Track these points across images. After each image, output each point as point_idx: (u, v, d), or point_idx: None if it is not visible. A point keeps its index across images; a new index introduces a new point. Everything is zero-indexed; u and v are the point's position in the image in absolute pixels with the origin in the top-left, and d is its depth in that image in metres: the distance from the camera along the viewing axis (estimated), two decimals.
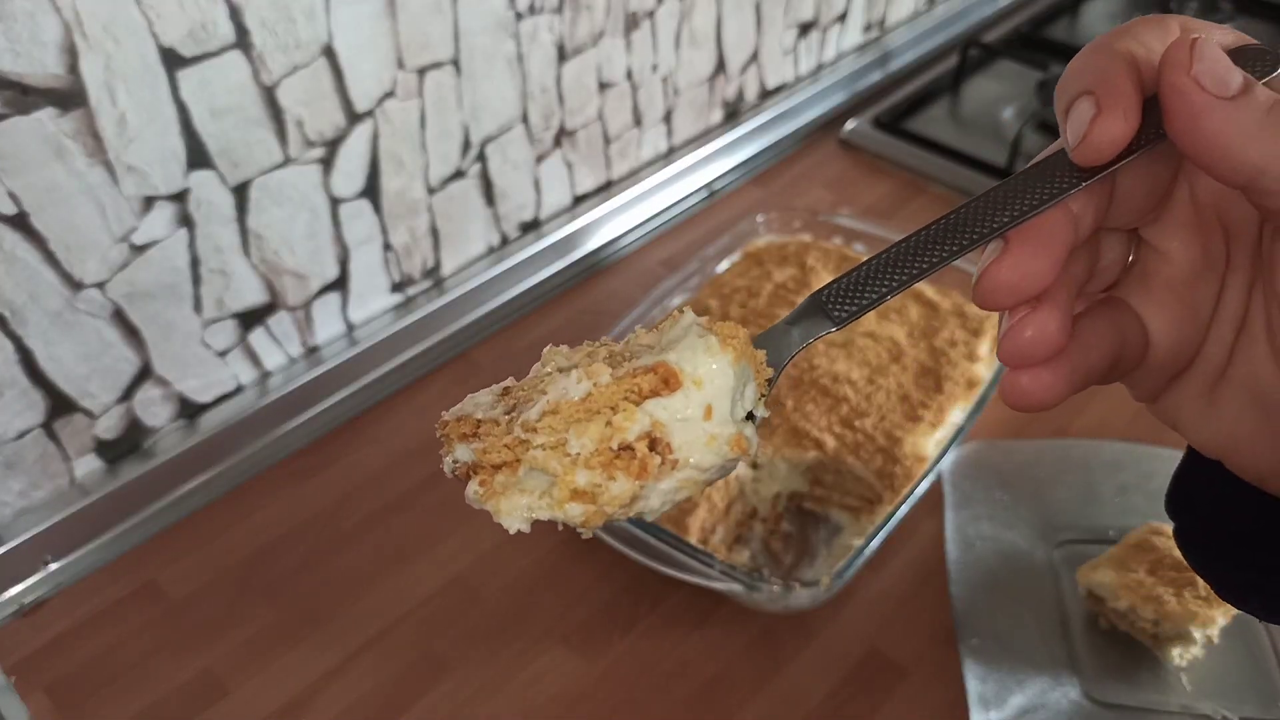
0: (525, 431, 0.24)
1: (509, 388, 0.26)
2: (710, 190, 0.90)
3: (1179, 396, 0.28)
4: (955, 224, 0.25)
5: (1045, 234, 0.24)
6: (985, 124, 0.95)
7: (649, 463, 0.24)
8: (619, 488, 0.24)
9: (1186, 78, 0.22)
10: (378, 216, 0.67)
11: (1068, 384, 0.26)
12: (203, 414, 0.65)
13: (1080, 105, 0.23)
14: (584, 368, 0.24)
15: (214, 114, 0.55)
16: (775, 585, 0.52)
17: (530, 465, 0.24)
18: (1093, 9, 1.12)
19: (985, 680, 0.52)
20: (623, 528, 0.54)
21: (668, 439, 0.24)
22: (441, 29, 0.64)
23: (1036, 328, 0.25)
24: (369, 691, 0.54)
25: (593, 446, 0.24)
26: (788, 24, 0.91)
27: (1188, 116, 0.22)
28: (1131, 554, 0.54)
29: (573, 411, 0.24)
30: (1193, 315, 0.27)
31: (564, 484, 0.24)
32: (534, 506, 0.25)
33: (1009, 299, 0.25)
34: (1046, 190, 0.24)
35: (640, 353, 0.25)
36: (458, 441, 0.25)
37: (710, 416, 0.24)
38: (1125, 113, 0.23)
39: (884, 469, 0.57)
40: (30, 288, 0.53)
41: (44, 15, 0.47)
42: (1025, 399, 0.26)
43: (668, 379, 0.24)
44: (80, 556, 0.61)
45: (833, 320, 0.26)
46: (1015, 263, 0.24)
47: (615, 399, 0.24)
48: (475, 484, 0.25)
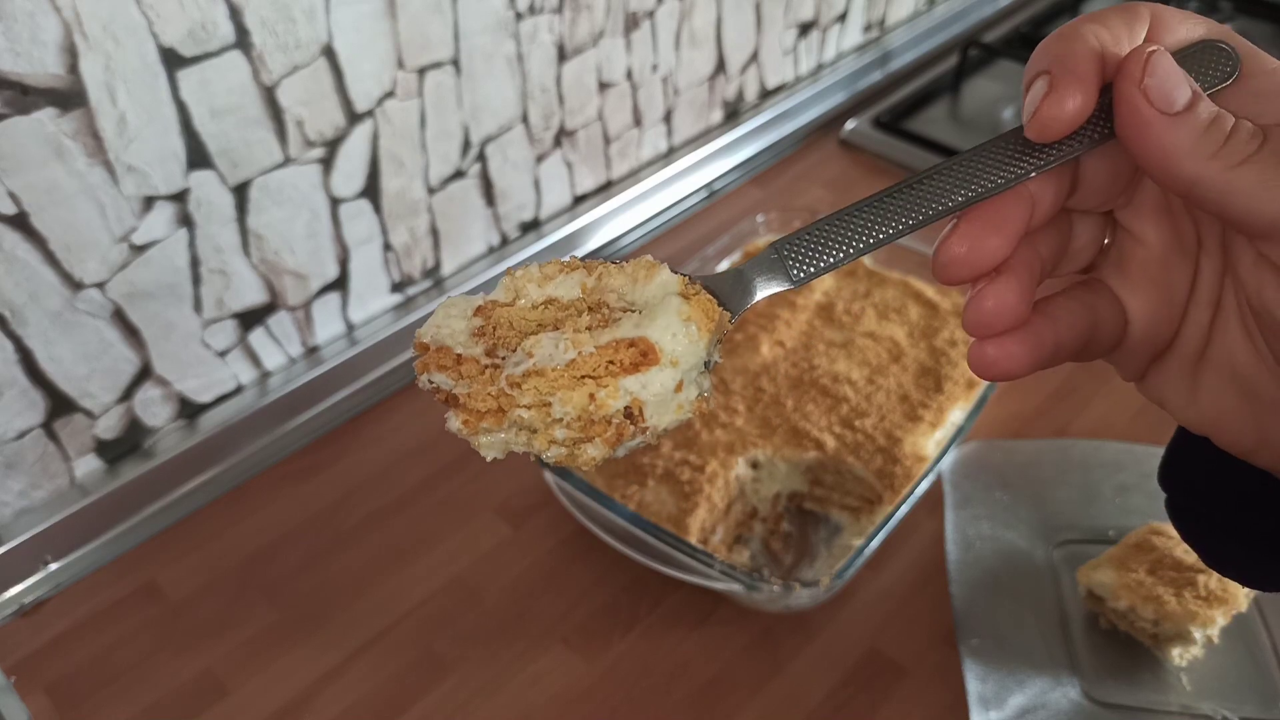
0: (510, 386, 0.26)
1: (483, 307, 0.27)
2: (710, 190, 0.90)
3: (1163, 376, 0.29)
4: (915, 198, 0.27)
5: (998, 214, 0.26)
6: (985, 124, 0.95)
7: (624, 430, 0.26)
8: (595, 450, 0.26)
9: (1136, 90, 0.24)
10: (378, 216, 0.67)
11: (1033, 356, 0.27)
12: (203, 414, 0.65)
13: (1037, 84, 0.25)
14: (571, 336, 0.26)
15: (214, 114, 0.55)
16: (775, 585, 0.52)
17: (514, 423, 0.26)
18: (1092, 9, 1.12)
19: (985, 680, 0.52)
20: (623, 527, 0.54)
21: (642, 410, 0.26)
22: (441, 29, 0.64)
23: (996, 299, 0.26)
24: (369, 691, 0.54)
25: (575, 414, 0.26)
26: (788, 24, 0.91)
27: (1134, 126, 0.24)
28: (1131, 554, 0.54)
29: (557, 376, 0.26)
30: (1168, 296, 0.28)
31: (543, 436, 0.26)
32: (512, 442, 0.27)
33: (963, 272, 0.26)
34: (1005, 173, 0.26)
35: (612, 300, 0.27)
36: (436, 369, 0.27)
37: (680, 390, 0.26)
38: (1075, 94, 0.24)
39: (884, 469, 0.57)
40: (30, 288, 0.53)
41: (44, 15, 0.47)
42: (991, 368, 0.27)
43: (647, 353, 0.26)
44: (80, 556, 0.61)
45: (790, 280, 0.27)
46: (965, 239, 0.26)
47: (597, 368, 0.26)
48: (459, 421, 0.27)
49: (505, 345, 0.27)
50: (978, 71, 1.01)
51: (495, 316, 0.27)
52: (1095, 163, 0.27)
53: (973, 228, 0.26)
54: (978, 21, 1.11)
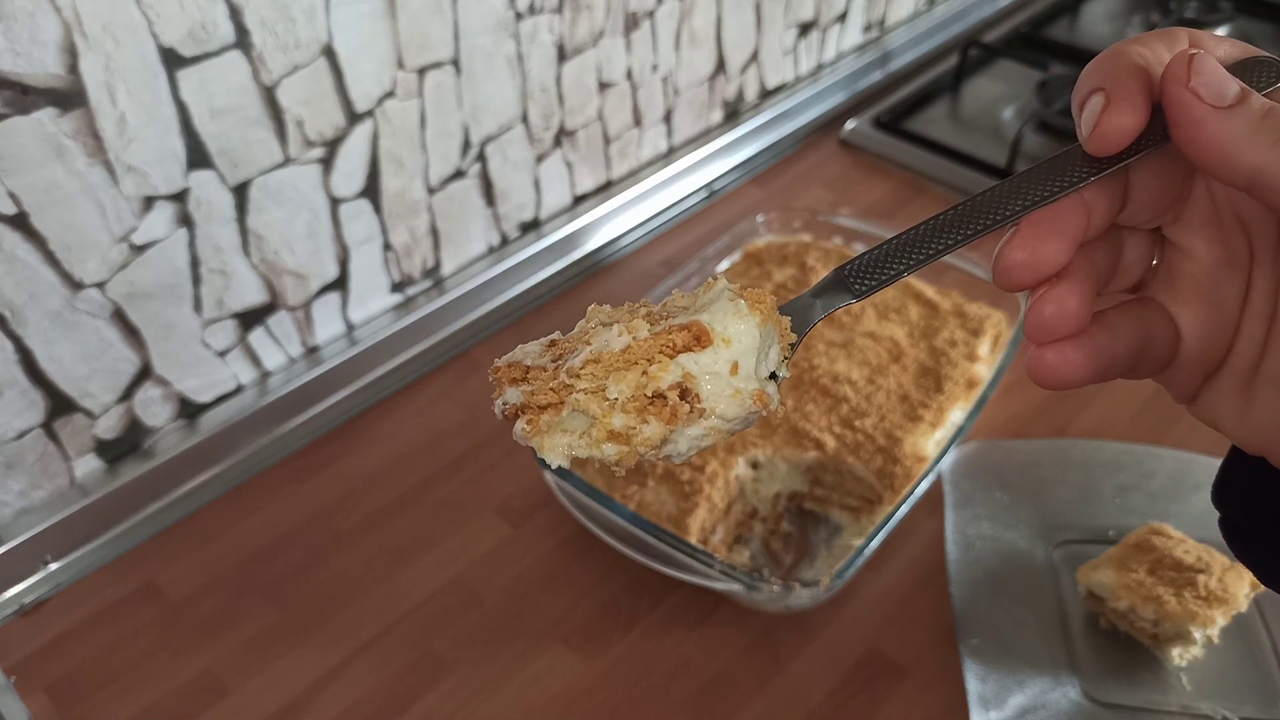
0: (569, 377, 0.27)
1: (555, 340, 0.29)
2: (710, 190, 0.90)
3: (1215, 395, 0.29)
4: (972, 210, 0.27)
5: (1058, 219, 0.26)
6: (985, 124, 0.95)
7: (679, 410, 0.26)
8: (651, 430, 0.27)
9: (1185, 90, 0.24)
10: (378, 216, 0.67)
11: (1091, 365, 0.27)
12: (203, 414, 0.65)
13: (1092, 100, 0.25)
14: (624, 323, 0.27)
15: (214, 114, 0.55)
16: (775, 585, 0.52)
17: (573, 407, 0.27)
18: (1093, 9, 1.12)
19: (985, 680, 0.52)
20: (623, 527, 0.54)
21: (697, 390, 0.26)
22: (441, 29, 0.64)
23: (1056, 304, 0.27)
24: (369, 691, 0.54)
25: (629, 393, 0.26)
26: (788, 24, 0.91)
27: (1188, 125, 0.24)
28: (1131, 554, 0.54)
29: (613, 361, 0.27)
30: (1220, 311, 0.28)
31: (602, 425, 0.27)
32: (574, 445, 0.27)
33: (1024, 277, 0.27)
34: (1060, 182, 0.26)
35: (676, 314, 0.28)
36: (508, 385, 0.28)
37: (736, 372, 0.27)
38: (1133, 107, 0.25)
39: (884, 469, 0.57)
40: (30, 288, 0.53)
41: (44, 15, 0.47)
42: (1050, 375, 0.27)
43: (699, 336, 0.26)
44: (80, 556, 0.61)
45: (853, 293, 0.28)
46: (1026, 243, 0.26)
47: (652, 352, 0.26)
48: (522, 423, 0.27)
49: (571, 352, 0.28)
50: (978, 71, 1.01)
51: (565, 338, 0.28)
52: (1144, 178, 0.27)
53: (1032, 232, 0.26)
54: (978, 21, 1.11)
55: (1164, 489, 0.61)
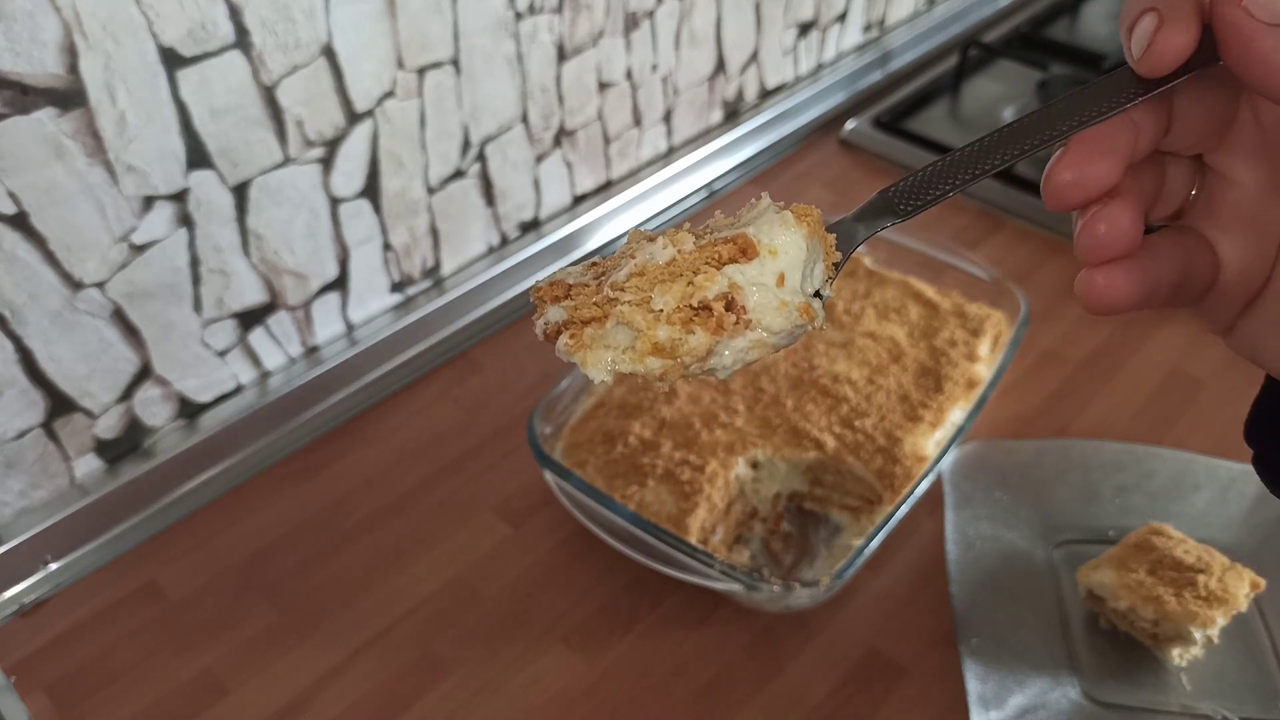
0: (614, 291, 0.27)
1: (596, 262, 0.29)
2: (710, 190, 0.90)
3: (1254, 324, 0.29)
4: (1019, 130, 0.27)
5: (1107, 138, 0.26)
6: (985, 124, 0.95)
7: (725, 320, 0.26)
8: (696, 341, 0.26)
9: (1237, 9, 0.24)
10: (377, 216, 0.67)
11: (1138, 290, 0.27)
12: (203, 414, 0.65)
13: (1144, 20, 0.25)
14: (669, 237, 0.27)
15: (214, 114, 0.55)
16: (775, 585, 0.52)
17: (617, 320, 0.27)
18: (1093, 9, 1.12)
19: (985, 680, 0.52)
20: (623, 527, 0.54)
21: (743, 301, 0.26)
22: (441, 29, 0.64)
23: (1109, 222, 0.27)
24: (369, 691, 0.54)
25: (674, 303, 0.26)
26: (788, 24, 0.91)
27: (1241, 43, 0.24)
28: (1131, 554, 0.54)
29: (658, 273, 0.26)
30: (1262, 238, 0.28)
31: (646, 337, 0.26)
32: (617, 360, 0.27)
33: (1076, 195, 0.27)
34: (1108, 102, 0.26)
35: (720, 230, 0.28)
36: (550, 304, 0.27)
37: (782, 284, 0.26)
38: (1186, 26, 0.24)
39: (884, 469, 0.57)
40: (30, 288, 0.53)
41: (44, 15, 0.47)
42: (1099, 297, 0.27)
43: (745, 248, 0.26)
44: (80, 556, 0.61)
45: (897, 214, 0.28)
46: (1076, 161, 0.26)
47: (698, 264, 0.26)
48: (565, 338, 0.27)
49: (614, 269, 0.27)
50: (978, 71, 1.01)
51: (607, 259, 0.28)
52: (1188, 104, 0.27)
53: (1082, 151, 0.26)
54: (978, 21, 1.11)
55: (1164, 489, 0.61)
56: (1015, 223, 0.84)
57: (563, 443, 0.61)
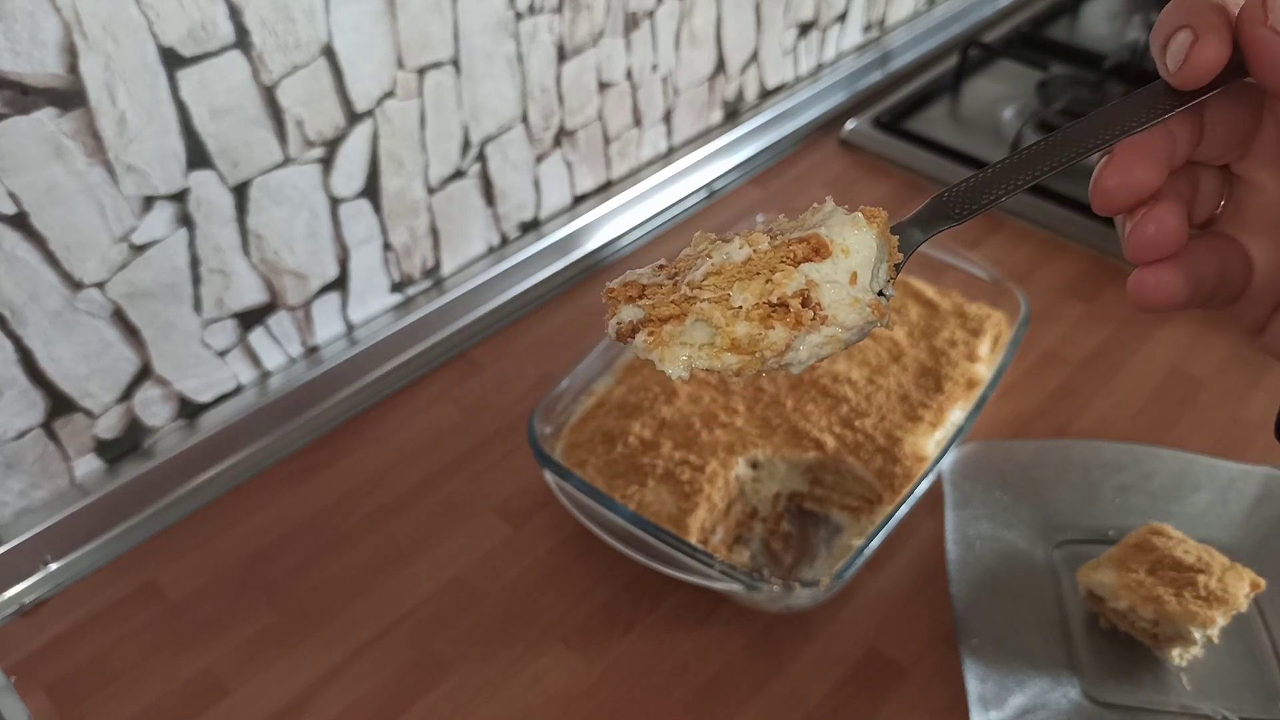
0: (691, 289, 0.27)
1: (664, 264, 0.29)
2: (710, 190, 0.90)
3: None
4: (1063, 139, 0.28)
5: (1149, 145, 0.28)
6: (985, 124, 0.95)
7: (803, 316, 0.27)
8: (776, 336, 0.27)
9: (1264, 29, 0.25)
10: (378, 216, 0.67)
11: (1188, 287, 0.29)
12: (203, 414, 0.65)
13: (1179, 36, 0.26)
14: (744, 236, 0.28)
15: (214, 114, 0.55)
16: (775, 585, 0.52)
17: (696, 317, 0.27)
18: (1093, 9, 1.12)
19: (985, 680, 0.52)
20: (623, 527, 0.54)
21: (819, 297, 0.27)
22: (441, 29, 0.64)
23: (1158, 223, 0.28)
24: (369, 691, 0.54)
25: (754, 300, 0.27)
26: (788, 24, 0.91)
27: (1270, 59, 0.25)
28: (1131, 554, 0.54)
29: (735, 271, 0.27)
30: None
31: (725, 334, 0.27)
32: (694, 356, 0.28)
33: (1122, 199, 0.28)
34: (1146, 113, 0.28)
35: (788, 232, 0.29)
36: (624, 304, 0.28)
37: (855, 282, 0.28)
38: (1220, 40, 0.26)
39: (884, 469, 0.57)
40: (30, 288, 0.53)
41: (44, 15, 0.47)
42: (1151, 296, 0.29)
43: (819, 247, 0.27)
44: (80, 556, 0.61)
45: (953, 218, 0.29)
46: (1122, 166, 0.28)
47: (774, 262, 0.27)
48: (644, 335, 0.28)
49: (687, 269, 0.28)
50: (978, 71, 1.01)
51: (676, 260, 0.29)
52: (1216, 116, 0.29)
53: (1127, 158, 0.28)
54: (978, 21, 1.11)
55: (1164, 489, 0.61)
56: (1015, 223, 0.84)
57: (563, 443, 0.61)
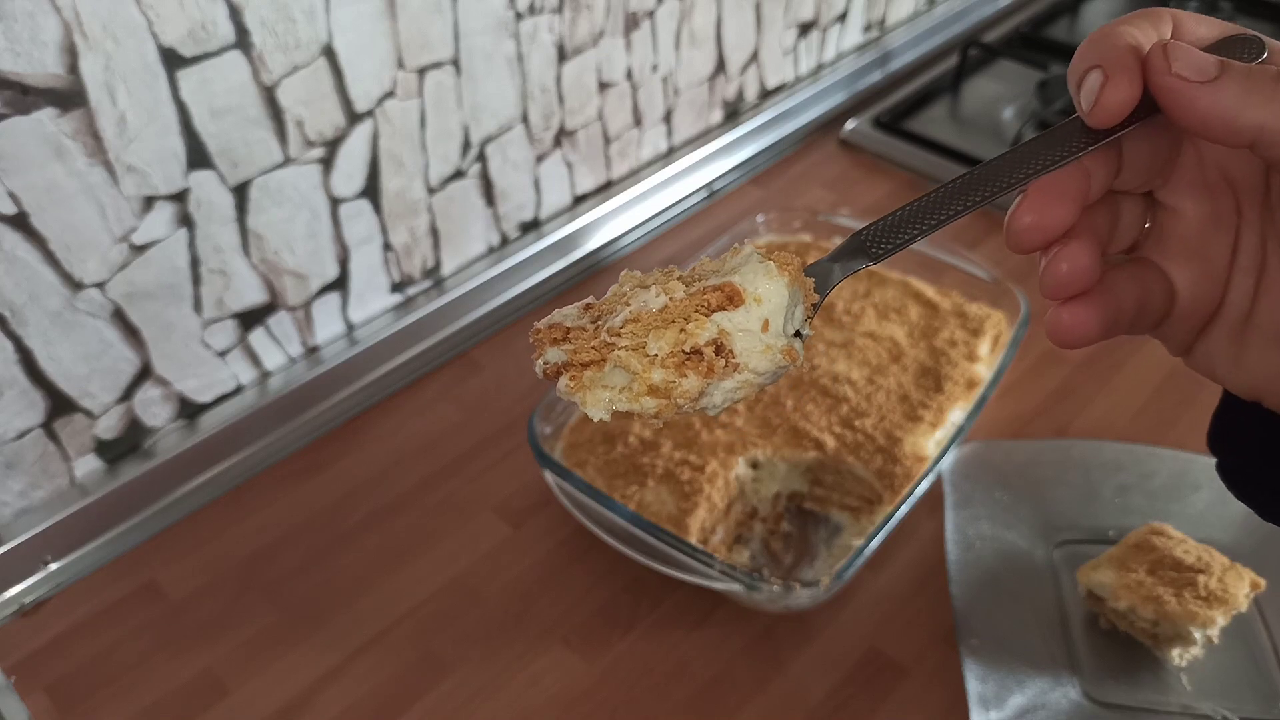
0: (610, 336, 0.28)
1: (590, 304, 0.30)
2: (710, 190, 0.90)
3: (1210, 345, 0.31)
4: (981, 177, 0.29)
5: (1062, 184, 0.28)
6: (985, 124, 0.95)
7: (715, 364, 0.28)
8: (689, 384, 0.28)
9: (1169, 77, 0.26)
10: (378, 216, 0.67)
11: (1103, 321, 0.29)
12: (203, 414, 0.65)
13: (1091, 76, 0.27)
14: (661, 284, 0.29)
15: (214, 114, 0.55)
16: (775, 585, 0.52)
17: (615, 364, 0.28)
18: (1093, 9, 1.12)
19: (985, 680, 0.52)
20: (623, 527, 0.54)
21: (731, 346, 0.28)
22: (441, 29, 0.64)
23: (1070, 261, 0.29)
24: (369, 691, 0.54)
25: (668, 348, 0.28)
26: (788, 24, 0.91)
27: (1182, 104, 0.26)
28: (1131, 554, 0.54)
29: (651, 319, 0.28)
30: (1210, 267, 0.30)
31: (642, 380, 0.28)
32: (614, 399, 0.29)
33: (1035, 238, 0.28)
34: (1062, 150, 0.28)
35: (706, 277, 0.29)
36: (549, 345, 0.29)
37: (767, 329, 0.28)
38: (1129, 81, 0.26)
39: (884, 469, 0.57)
40: (30, 288, 0.53)
41: (44, 15, 0.47)
42: (1067, 334, 0.29)
43: (732, 295, 0.28)
44: (80, 556, 0.61)
45: (870, 256, 0.30)
46: (1034, 207, 0.28)
47: (688, 311, 0.28)
48: (565, 379, 0.29)
49: (609, 313, 0.29)
50: (978, 71, 1.01)
51: (601, 301, 0.30)
52: (1137, 146, 0.29)
53: (1038, 198, 0.28)
54: (978, 21, 1.11)
55: (1164, 489, 0.61)
56: None
57: (563, 443, 0.61)
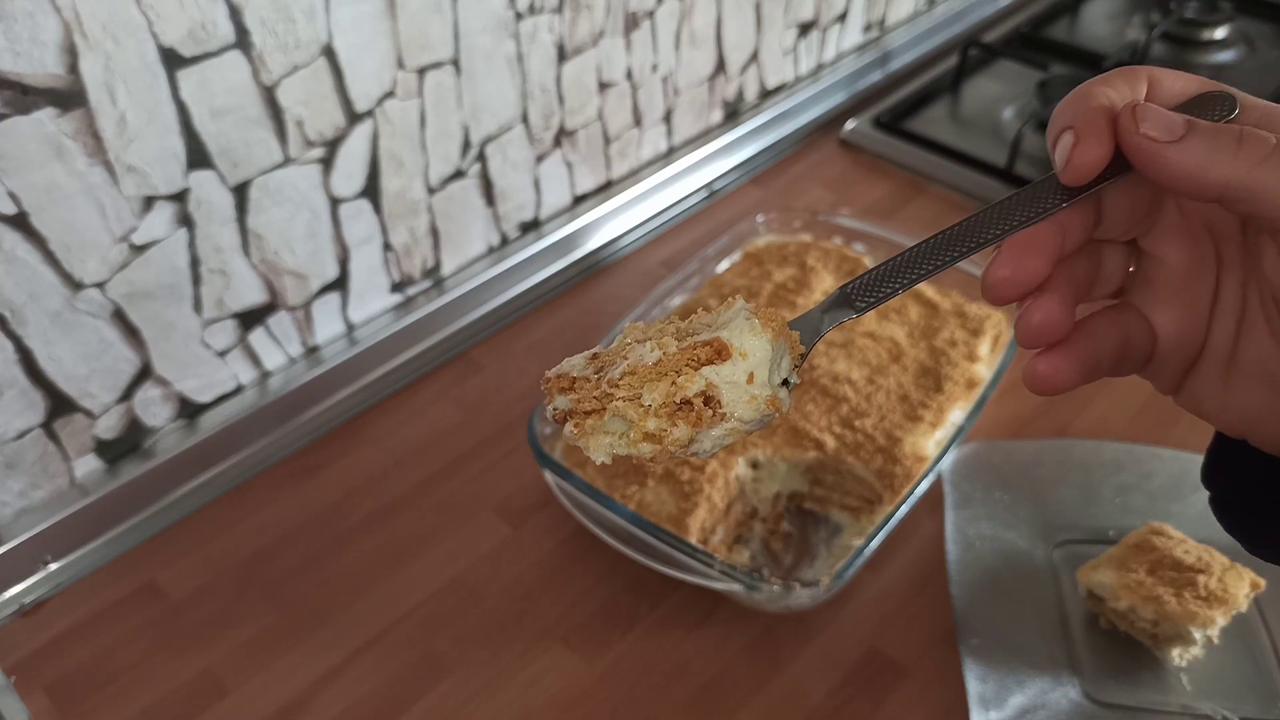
0: (610, 386, 0.31)
1: (597, 354, 0.33)
2: (710, 190, 0.90)
3: (1197, 385, 0.32)
4: (960, 234, 0.30)
5: (1036, 240, 0.29)
6: (985, 124, 0.95)
7: (703, 415, 0.30)
8: (680, 432, 0.30)
9: (1138, 137, 0.27)
10: (378, 216, 0.67)
11: (1079, 370, 0.30)
12: (203, 414, 0.65)
13: (1064, 138, 0.28)
14: (656, 340, 0.31)
15: (214, 114, 0.55)
16: (775, 585, 0.52)
17: (613, 413, 0.31)
18: (1093, 9, 1.12)
19: (985, 680, 0.52)
20: (623, 527, 0.54)
21: (719, 397, 0.30)
22: (441, 29, 0.64)
23: (1043, 312, 0.30)
24: (369, 691, 0.54)
25: (661, 400, 0.30)
26: (788, 24, 0.91)
27: (1152, 162, 0.27)
28: (1131, 554, 0.54)
29: (646, 373, 0.30)
30: (1192, 309, 0.31)
31: (638, 428, 0.31)
32: (614, 444, 0.31)
33: (1009, 291, 0.30)
34: (1038, 207, 0.29)
35: (700, 329, 0.32)
36: (557, 393, 0.32)
37: (752, 381, 0.30)
38: (1099, 142, 0.28)
39: (884, 469, 0.57)
40: (30, 288, 0.53)
41: (44, 15, 0.47)
42: (1043, 383, 0.31)
43: (720, 350, 0.30)
44: (80, 556, 0.61)
45: (855, 309, 0.31)
46: (1008, 261, 0.29)
47: (680, 364, 0.30)
48: (571, 426, 0.31)
49: (611, 365, 0.32)
50: (978, 71, 1.01)
51: (605, 352, 0.32)
52: (1116, 198, 0.30)
53: (1014, 252, 0.29)
54: (978, 21, 1.11)
55: (1164, 489, 0.61)
56: None
57: (563, 443, 0.61)
